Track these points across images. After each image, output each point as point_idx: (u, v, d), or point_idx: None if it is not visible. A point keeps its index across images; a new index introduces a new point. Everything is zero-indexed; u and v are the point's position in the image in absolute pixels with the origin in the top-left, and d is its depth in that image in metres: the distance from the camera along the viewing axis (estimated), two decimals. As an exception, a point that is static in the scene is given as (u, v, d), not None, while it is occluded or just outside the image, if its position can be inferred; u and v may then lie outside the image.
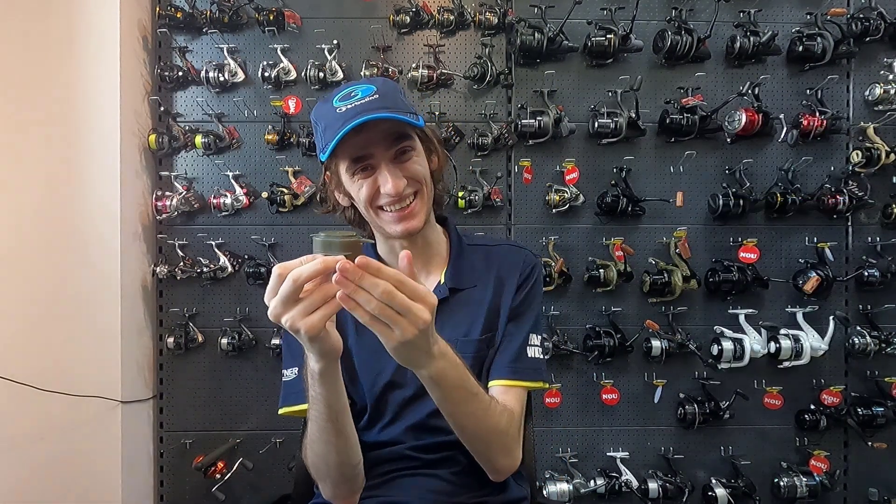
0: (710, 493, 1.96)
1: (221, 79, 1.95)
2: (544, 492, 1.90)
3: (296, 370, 0.98)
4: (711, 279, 1.99)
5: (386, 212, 0.93)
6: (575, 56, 2.02)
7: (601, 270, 1.96)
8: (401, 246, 0.99)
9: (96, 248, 1.83)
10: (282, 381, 1.00)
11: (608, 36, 1.93)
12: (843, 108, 2.04)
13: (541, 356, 1.00)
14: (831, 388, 2.00)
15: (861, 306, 2.03)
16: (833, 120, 1.95)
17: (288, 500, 1.14)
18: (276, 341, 1.96)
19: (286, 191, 1.97)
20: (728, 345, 1.94)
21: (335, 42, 1.95)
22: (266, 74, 1.96)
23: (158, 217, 1.98)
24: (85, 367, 1.83)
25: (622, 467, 1.98)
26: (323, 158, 0.93)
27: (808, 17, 1.98)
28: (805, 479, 1.96)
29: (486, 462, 0.94)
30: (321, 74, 1.95)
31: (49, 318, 1.82)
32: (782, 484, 1.98)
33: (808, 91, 2.00)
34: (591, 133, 1.99)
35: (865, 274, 1.98)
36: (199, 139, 1.95)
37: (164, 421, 2.04)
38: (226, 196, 1.96)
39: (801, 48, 1.97)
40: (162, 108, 1.99)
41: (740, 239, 2.01)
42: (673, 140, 2.02)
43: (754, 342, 1.94)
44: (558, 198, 1.97)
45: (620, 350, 1.96)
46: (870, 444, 1.96)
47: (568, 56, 2.01)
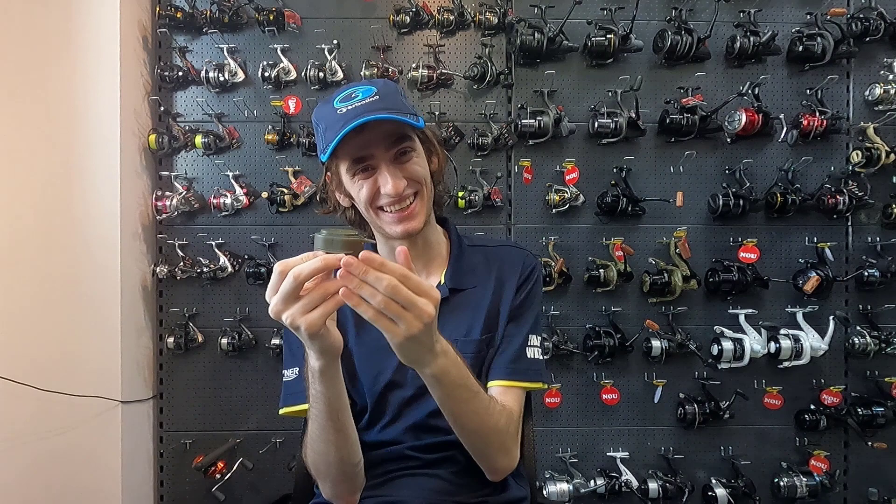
0: (710, 493, 1.96)
1: (221, 79, 1.95)
2: (544, 492, 1.90)
3: (296, 370, 0.98)
4: (711, 279, 1.99)
5: (386, 212, 0.93)
6: (575, 56, 2.02)
7: (601, 270, 1.96)
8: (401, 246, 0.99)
9: (96, 247, 1.83)
10: (282, 381, 1.00)
11: (608, 36, 1.93)
12: (843, 108, 2.04)
13: (540, 357, 1.00)
14: (831, 388, 2.00)
15: (861, 306, 2.03)
16: (833, 120, 1.95)
17: (288, 500, 1.14)
18: (276, 341, 1.96)
19: (286, 191, 1.97)
20: (728, 345, 1.94)
21: (335, 42, 1.95)
22: (266, 74, 1.96)
23: (158, 217, 1.98)
24: (85, 366, 1.83)
25: (622, 467, 1.98)
26: (324, 159, 0.94)
27: (808, 17, 1.98)
28: (805, 479, 1.96)
29: (485, 461, 0.94)
30: (321, 74, 1.95)
31: (49, 318, 1.82)
32: (782, 484, 1.98)
33: (808, 91, 2.00)
34: (591, 133, 1.99)
35: (865, 274, 1.98)
36: (199, 139, 1.95)
37: (164, 421, 2.04)
38: (226, 196, 1.96)
39: (801, 48, 1.97)
40: (162, 108, 1.99)
41: (740, 239, 2.01)
42: (673, 140, 2.02)
43: (754, 342, 1.94)
44: (558, 198, 1.97)
45: (620, 350, 1.96)
46: (870, 444, 1.96)
47: (568, 56, 2.01)
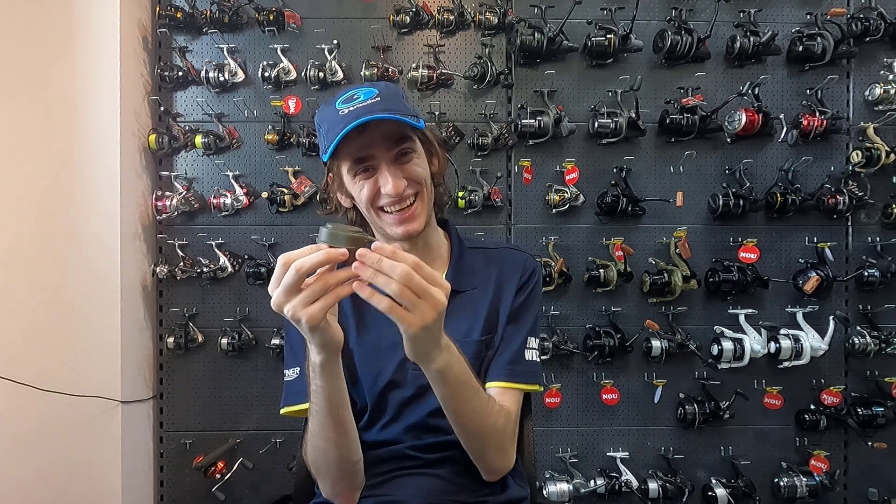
0: (710, 493, 1.96)
1: (221, 79, 1.95)
2: (544, 492, 1.90)
3: (297, 370, 0.98)
4: (711, 279, 1.99)
5: (387, 213, 0.94)
6: (575, 56, 2.02)
7: (601, 270, 1.96)
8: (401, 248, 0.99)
9: (96, 248, 1.83)
10: (283, 381, 1.00)
11: (608, 36, 1.93)
12: (843, 108, 2.04)
13: (538, 359, 1.01)
14: (831, 388, 2.00)
15: (861, 306, 2.04)
16: (833, 120, 1.95)
17: (289, 500, 1.14)
18: (276, 341, 1.96)
19: (286, 191, 1.97)
20: (728, 345, 1.94)
21: (335, 42, 1.95)
22: (266, 74, 1.96)
23: (158, 217, 1.98)
24: (85, 367, 1.83)
25: (622, 467, 1.98)
26: (325, 159, 0.94)
27: (808, 17, 1.98)
28: (805, 479, 1.97)
29: (482, 461, 0.94)
30: (321, 74, 1.95)
31: (49, 318, 1.82)
32: (782, 484, 1.98)
33: (808, 91, 2.00)
34: (591, 133, 1.99)
35: (865, 274, 1.98)
36: (199, 139, 1.95)
37: (164, 421, 2.04)
38: (226, 196, 1.96)
39: (801, 48, 1.97)
40: (162, 108, 1.99)
41: (740, 239, 2.01)
42: (673, 140, 2.02)
43: (754, 342, 1.94)
44: (558, 198, 1.97)
45: (620, 350, 1.96)
46: (870, 444, 1.96)
47: (568, 56, 2.01)
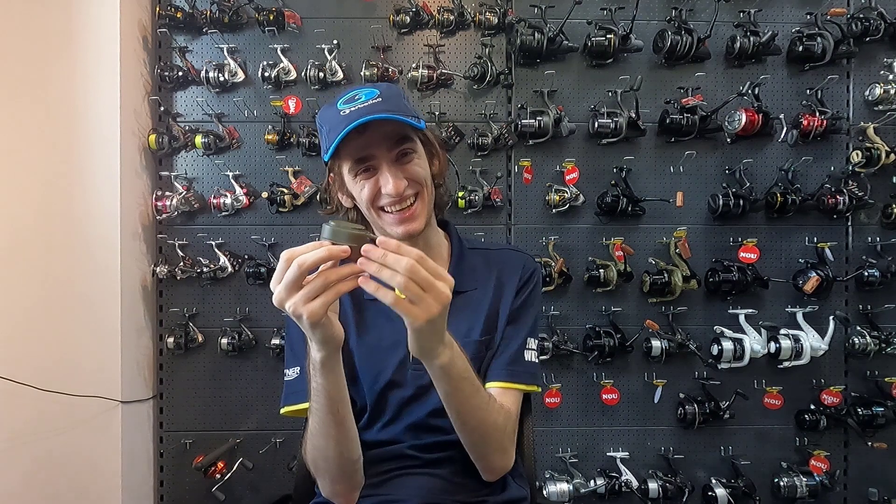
0: (710, 493, 1.96)
1: (221, 79, 1.95)
2: (544, 492, 1.90)
3: (297, 370, 0.98)
4: (711, 279, 1.99)
5: (387, 213, 0.94)
6: (575, 56, 2.02)
7: (601, 270, 1.96)
8: None
9: (96, 248, 1.83)
10: (283, 380, 1.01)
11: (608, 36, 1.93)
12: (843, 108, 2.04)
13: (537, 360, 1.02)
14: (831, 388, 2.00)
15: (861, 306, 2.03)
16: (833, 120, 1.95)
17: (289, 500, 1.14)
18: (276, 341, 1.96)
19: (286, 191, 1.97)
20: (728, 345, 1.94)
21: (335, 42, 1.95)
22: (266, 74, 1.96)
23: (158, 217, 1.98)
24: (85, 367, 1.83)
25: (622, 467, 1.98)
26: (326, 159, 0.95)
27: (808, 17, 1.98)
28: (805, 479, 1.97)
29: (482, 460, 0.94)
30: (321, 74, 1.95)
31: (49, 318, 1.82)
32: (782, 484, 1.98)
33: (808, 91, 2.00)
34: (591, 133, 1.99)
35: (865, 274, 1.98)
36: (199, 139, 1.95)
37: (164, 421, 2.04)
38: (226, 196, 1.96)
39: (801, 48, 1.97)
40: (162, 108, 1.99)
41: (740, 239, 2.01)
42: (673, 140, 2.02)
43: (754, 342, 1.94)
44: (558, 198, 1.97)
45: (620, 350, 1.96)
46: (870, 444, 1.96)
47: (568, 56, 2.01)
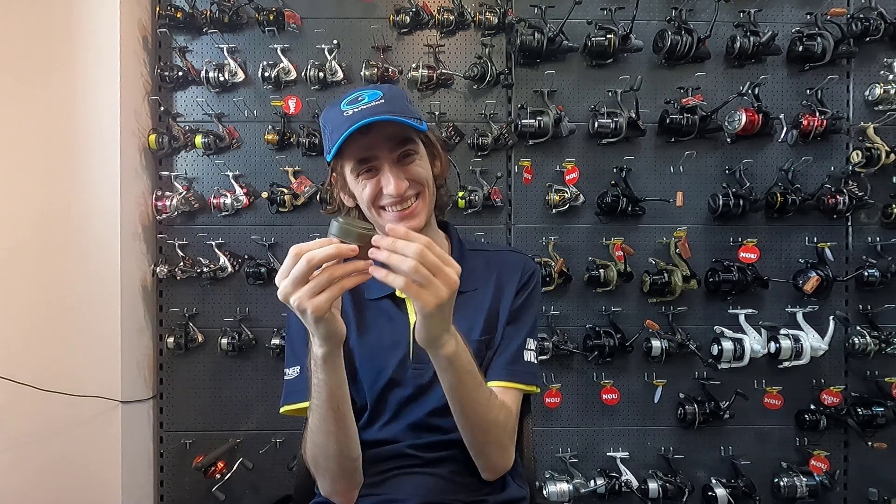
0: (710, 493, 1.96)
1: (221, 79, 1.95)
2: (544, 492, 1.90)
3: (297, 369, 0.99)
4: (711, 279, 1.99)
5: (388, 212, 0.95)
6: (575, 56, 2.02)
7: (601, 270, 1.96)
8: None
9: (96, 248, 1.83)
10: (283, 379, 1.01)
11: (608, 36, 1.93)
12: (843, 108, 2.04)
13: (536, 361, 1.02)
14: (831, 388, 2.00)
15: (861, 306, 2.03)
16: (833, 120, 1.95)
17: (289, 500, 1.14)
18: (276, 341, 1.96)
19: (286, 191, 1.97)
20: (728, 345, 1.94)
21: (335, 42, 1.95)
22: (266, 74, 1.96)
23: (158, 217, 1.98)
24: (85, 367, 1.83)
25: (622, 467, 1.98)
26: (329, 159, 0.95)
27: (808, 17, 1.98)
28: (805, 479, 1.97)
29: (482, 457, 0.95)
30: (321, 74, 1.95)
31: (49, 318, 1.82)
32: (782, 484, 1.98)
33: (808, 91, 2.00)
34: (591, 133, 1.99)
35: (865, 274, 1.98)
36: (199, 139, 1.95)
37: (164, 421, 2.04)
38: (226, 196, 1.96)
39: (801, 48, 1.97)
40: (162, 108, 1.99)
41: (740, 239, 2.01)
42: (673, 140, 2.02)
43: (754, 342, 1.94)
44: (558, 198, 1.97)
45: (620, 350, 1.96)
46: (870, 444, 1.96)
47: (568, 56, 2.01)
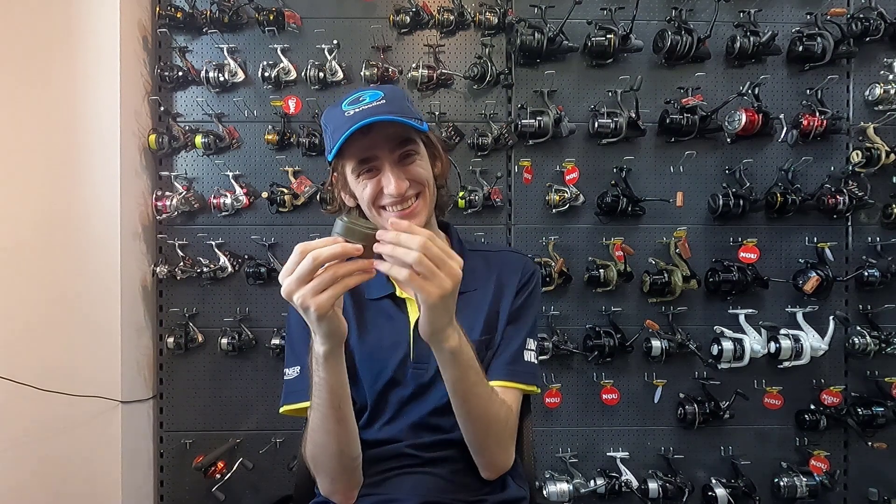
0: (710, 493, 1.96)
1: (221, 79, 1.95)
2: (544, 492, 1.90)
3: (297, 369, 0.99)
4: (711, 279, 1.99)
5: (388, 212, 0.95)
6: (575, 56, 2.02)
7: (601, 270, 1.96)
8: None
9: (96, 248, 1.83)
10: (283, 379, 1.01)
11: (608, 36, 1.93)
12: (843, 108, 2.04)
13: (536, 361, 1.02)
14: (831, 388, 2.00)
15: (861, 306, 2.03)
16: (833, 120, 1.95)
17: (289, 500, 1.14)
18: (276, 341, 1.96)
19: (286, 191, 1.97)
20: (728, 345, 1.94)
21: (335, 42, 1.95)
22: (266, 74, 1.96)
23: (158, 217, 1.98)
24: (85, 367, 1.82)
25: (622, 467, 1.98)
26: (330, 158, 0.95)
27: (808, 17, 1.98)
28: (805, 479, 1.97)
29: (482, 454, 0.95)
30: (321, 74, 1.95)
31: (49, 318, 1.82)
32: (782, 484, 1.98)
33: (808, 91, 2.00)
34: (591, 133, 1.99)
35: (865, 274, 1.98)
36: (199, 139, 1.95)
37: (164, 421, 2.04)
38: (226, 196, 1.96)
39: (801, 48, 1.97)
40: (162, 108, 1.99)
41: (740, 239, 2.01)
42: (673, 140, 2.02)
43: (754, 342, 1.94)
44: (558, 198, 1.97)
45: (620, 350, 1.96)
46: (870, 444, 1.96)
47: (568, 56, 2.01)
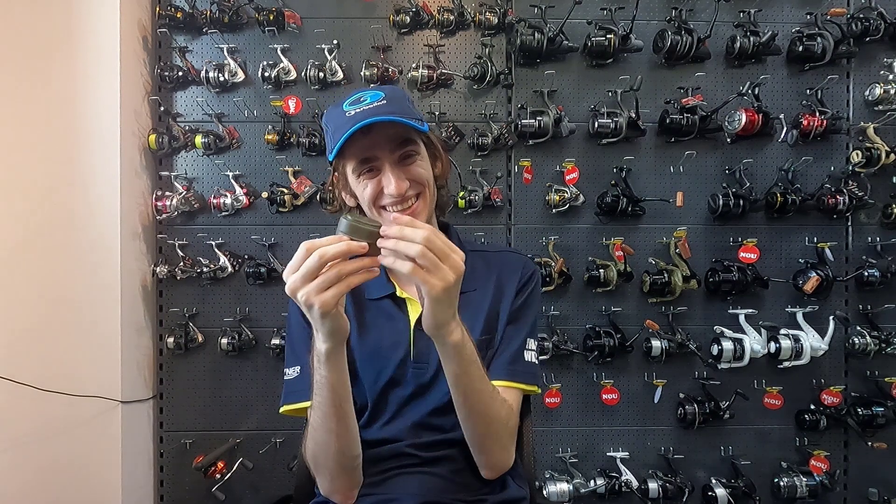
0: (710, 493, 1.96)
1: (221, 79, 1.95)
2: (544, 492, 1.90)
3: (297, 369, 0.99)
4: (711, 279, 1.99)
5: (388, 212, 0.95)
6: (575, 56, 2.02)
7: (601, 270, 1.96)
8: None
9: (96, 248, 1.83)
10: (284, 379, 1.01)
11: (608, 36, 1.93)
12: (843, 108, 2.04)
13: (536, 361, 1.03)
14: (831, 388, 2.00)
15: (861, 306, 2.03)
16: (833, 120, 1.95)
17: (289, 500, 1.14)
18: (276, 341, 1.96)
19: (286, 191, 1.97)
20: (728, 345, 1.94)
21: (335, 42, 1.95)
22: (266, 74, 1.96)
23: (158, 217, 1.98)
24: (85, 367, 1.83)
25: (622, 467, 1.98)
26: (331, 158, 0.95)
27: (808, 17, 1.98)
28: (805, 479, 1.97)
29: (483, 453, 0.95)
30: (321, 74, 1.95)
31: (49, 318, 1.82)
32: (782, 484, 1.98)
33: (808, 91, 2.00)
34: (591, 133, 1.99)
35: (865, 274, 1.98)
36: (199, 139, 1.95)
37: (164, 421, 2.04)
38: (226, 196, 1.96)
39: (801, 48, 1.97)
40: (162, 108, 1.99)
41: (740, 239, 2.01)
42: (673, 140, 2.02)
43: (754, 342, 1.94)
44: (558, 198, 1.97)
45: (620, 350, 1.96)
46: (870, 444, 1.96)
47: (568, 56, 2.01)
